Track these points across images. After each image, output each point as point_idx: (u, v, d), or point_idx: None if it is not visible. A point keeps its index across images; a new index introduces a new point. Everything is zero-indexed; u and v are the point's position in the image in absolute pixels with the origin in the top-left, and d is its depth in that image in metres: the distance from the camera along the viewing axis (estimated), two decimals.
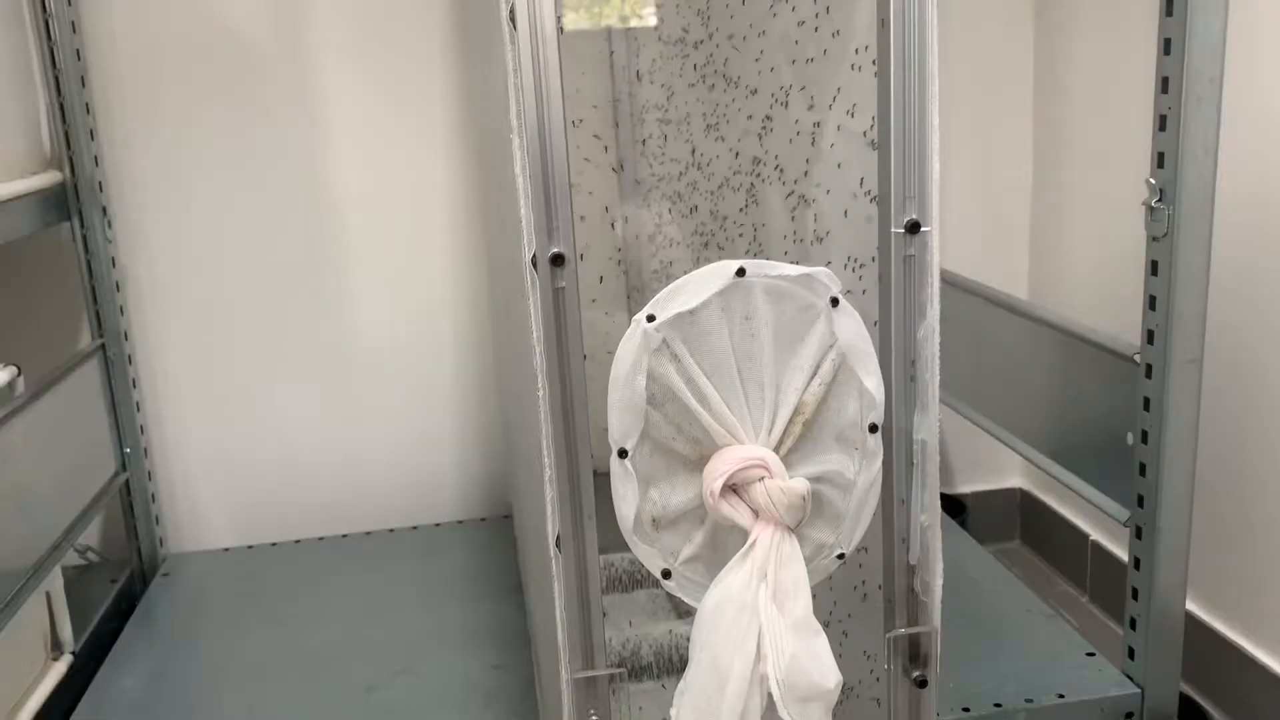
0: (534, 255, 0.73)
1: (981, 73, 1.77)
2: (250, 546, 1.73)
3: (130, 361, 1.62)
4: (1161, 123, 1.09)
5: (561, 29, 0.69)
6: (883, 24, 0.71)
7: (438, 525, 1.77)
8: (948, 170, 0.74)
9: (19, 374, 1.32)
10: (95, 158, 1.56)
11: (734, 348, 0.75)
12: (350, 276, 1.71)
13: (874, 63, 0.78)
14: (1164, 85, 1.08)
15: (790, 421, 0.75)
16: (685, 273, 0.75)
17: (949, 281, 1.44)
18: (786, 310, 0.75)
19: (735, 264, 0.74)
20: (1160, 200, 1.09)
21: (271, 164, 1.66)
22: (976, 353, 1.46)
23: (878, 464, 0.76)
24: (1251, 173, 1.34)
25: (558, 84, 0.69)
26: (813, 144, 0.94)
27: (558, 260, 0.73)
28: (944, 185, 0.74)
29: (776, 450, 0.75)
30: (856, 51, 0.82)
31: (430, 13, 1.65)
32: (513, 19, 0.68)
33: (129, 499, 1.64)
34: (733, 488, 0.74)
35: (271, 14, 1.62)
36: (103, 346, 1.58)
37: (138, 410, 1.63)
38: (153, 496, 1.67)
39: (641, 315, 0.74)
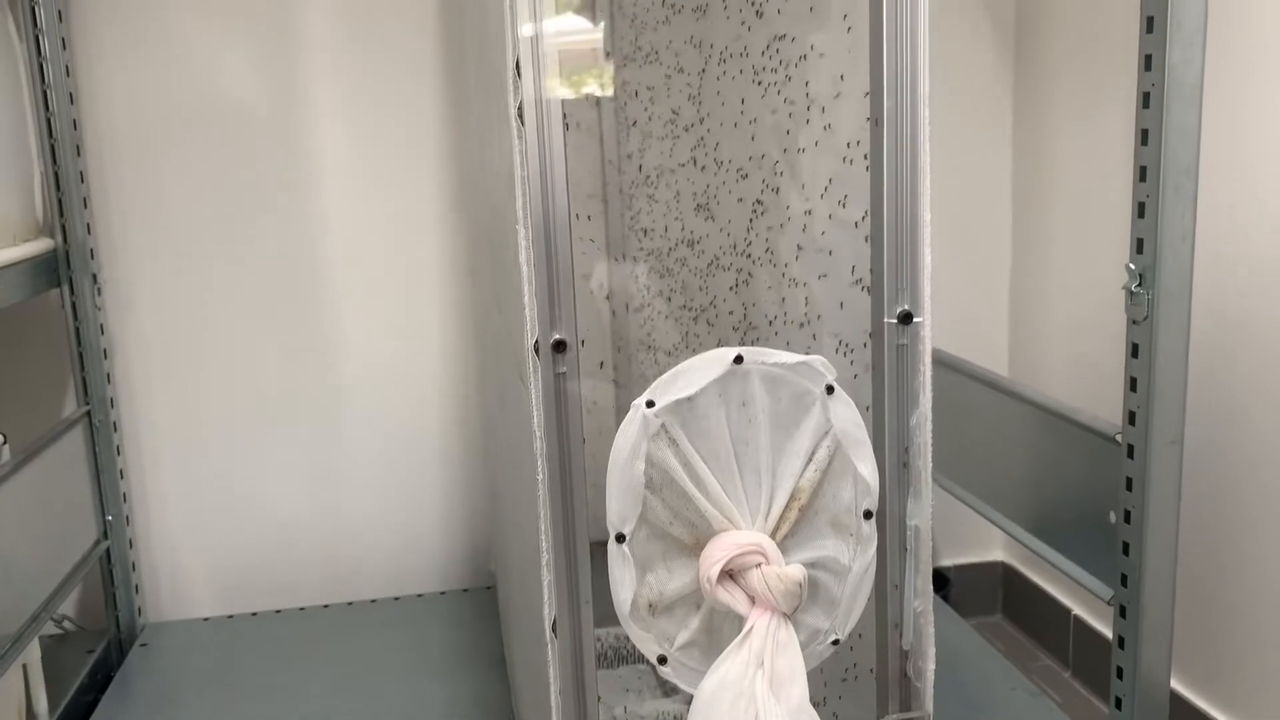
0: (536, 341, 0.74)
1: (961, 149, 1.82)
2: (230, 616, 1.71)
3: (115, 428, 1.61)
4: (1140, 210, 1.12)
5: (567, 126, 0.71)
6: (876, 123, 0.74)
7: (420, 596, 1.75)
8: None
9: (4, 441, 1.31)
10: (88, 225, 1.57)
11: (731, 433, 0.76)
12: (337, 346, 1.72)
13: (866, 157, 0.80)
14: (1142, 174, 1.12)
15: (786, 507, 0.76)
16: (673, 346, 0.76)
17: (933, 358, 1.46)
18: (783, 397, 0.76)
19: (733, 351, 0.75)
20: (1140, 285, 1.12)
21: (262, 231, 1.67)
22: (959, 428, 1.48)
23: (872, 550, 0.77)
24: (1229, 258, 1.37)
25: (563, 179, 0.71)
26: (804, 230, 0.96)
27: (559, 347, 0.74)
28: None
29: (773, 536, 0.76)
30: (848, 145, 0.85)
31: (422, 83, 1.68)
32: (520, 115, 0.70)
33: (109, 567, 1.62)
34: (729, 574, 0.75)
35: (264, 83, 1.65)
36: (88, 413, 1.57)
37: (121, 477, 1.62)
38: (133, 565, 1.65)
39: (641, 401, 0.75)
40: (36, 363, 1.65)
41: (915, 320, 0.76)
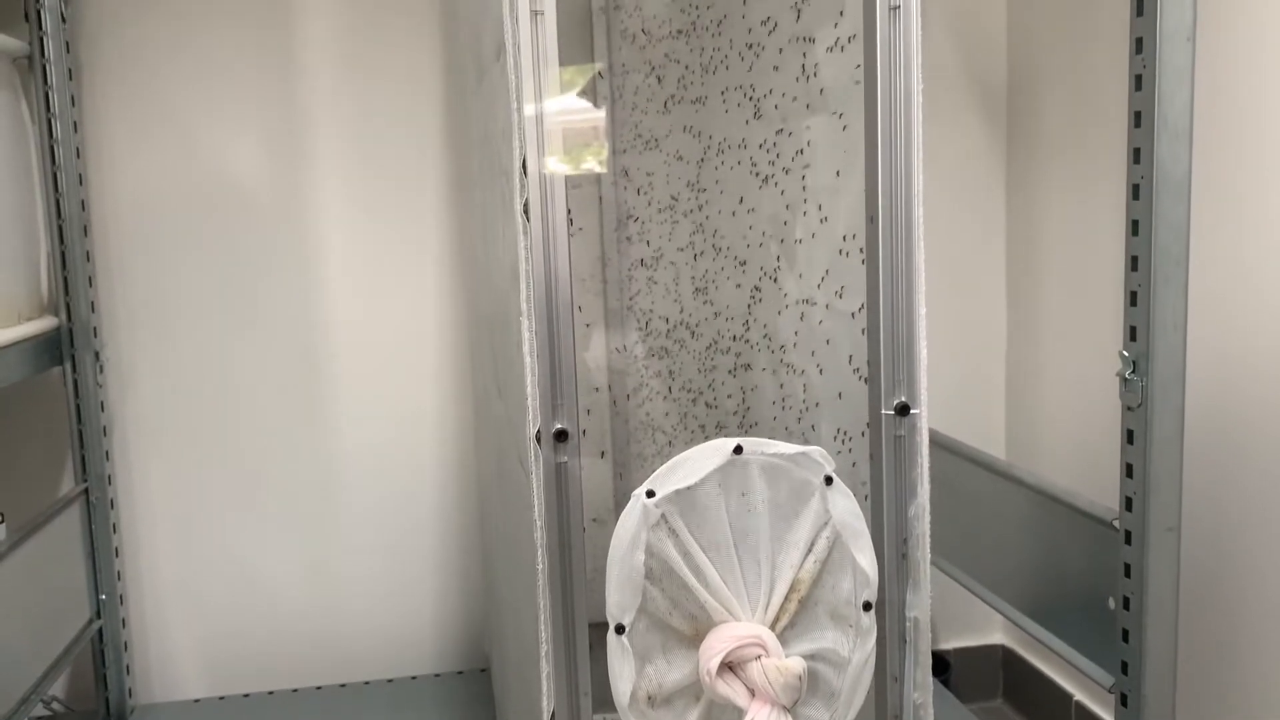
0: (538, 431, 0.75)
1: (955, 231, 1.85)
2: (222, 698, 1.69)
3: (112, 505, 1.61)
4: (1132, 299, 1.14)
5: (571, 221, 0.73)
6: (871, 220, 0.76)
7: (414, 678, 1.73)
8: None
9: (1, 521, 1.31)
10: (92, 303, 1.58)
11: (731, 524, 0.76)
12: (336, 428, 1.72)
13: (862, 250, 0.82)
14: (1133, 264, 1.14)
15: (786, 598, 0.76)
16: (671, 426, 0.77)
17: (930, 439, 1.47)
18: (782, 487, 0.77)
19: (733, 442, 0.76)
20: (1134, 372, 1.14)
21: (263, 312, 1.69)
22: (957, 511, 1.48)
23: (871, 641, 0.77)
24: (1224, 346, 1.39)
25: (566, 273, 0.72)
26: (801, 319, 0.98)
27: (561, 436, 0.75)
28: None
29: (772, 627, 0.76)
30: (844, 238, 0.87)
31: (427, 167, 1.71)
32: (526, 212, 0.72)
33: (100, 647, 1.60)
34: (729, 665, 0.75)
35: (269, 165, 1.68)
36: (86, 491, 1.57)
37: (116, 555, 1.61)
38: (125, 644, 1.63)
39: (641, 491, 0.75)
40: (35, 439, 1.65)
41: (912, 412, 0.77)
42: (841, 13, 0.83)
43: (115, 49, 1.63)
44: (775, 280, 1.04)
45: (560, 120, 0.73)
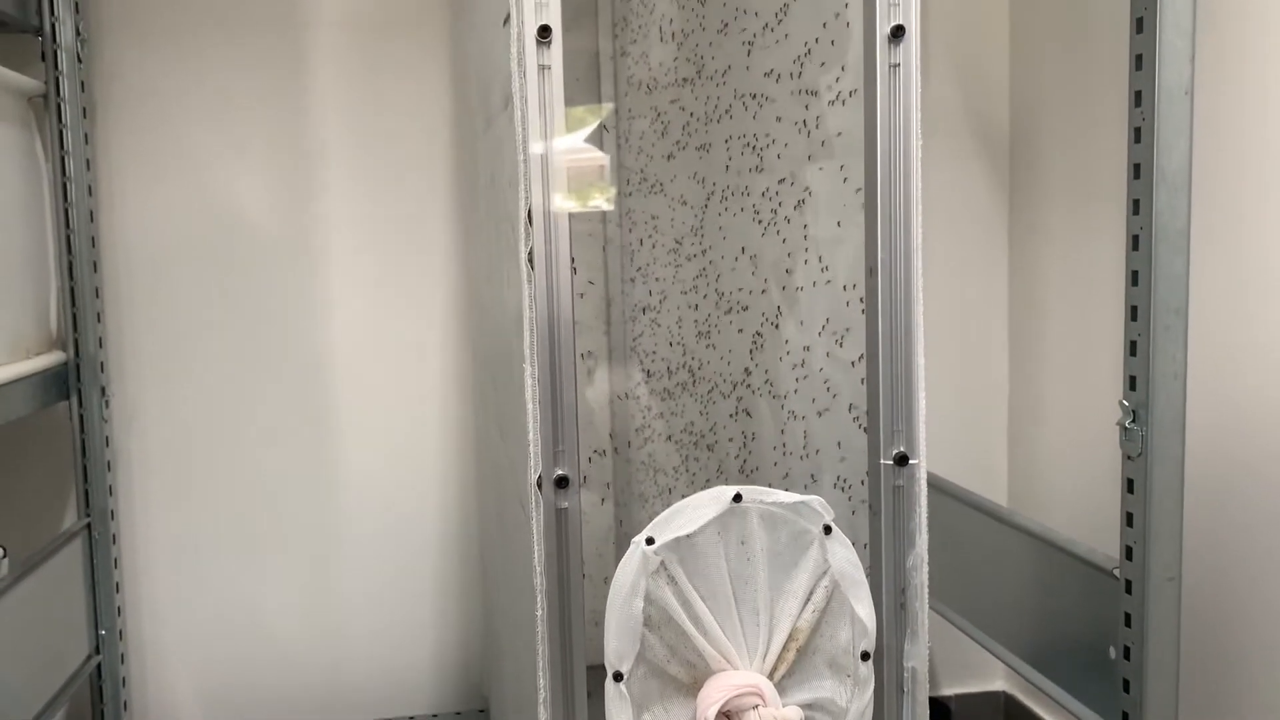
0: (539, 477, 0.76)
1: (959, 273, 1.86)
2: None
3: (114, 541, 1.61)
4: (1132, 348, 1.15)
5: (575, 270, 0.74)
6: (871, 273, 0.77)
7: (412, 718, 1.73)
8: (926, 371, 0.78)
9: (4, 555, 1.31)
10: (99, 339, 1.59)
11: (730, 572, 0.77)
12: (338, 465, 1.73)
13: (862, 300, 0.83)
14: (1133, 314, 1.15)
15: (784, 647, 0.77)
16: (673, 468, 0.78)
17: (932, 485, 1.48)
18: (781, 536, 0.77)
19: (732, 490, 0.77)
20: (1134, 421, 1.14)
21: (268, 349, 1.70)
22: (959, 556, 1.48)
23: (869, 691, 0.77)
24: (1225, 395, 1.39)
25: (570, 322, 0.73)
26: (802, 365, 0.99)
27: (562, 483, 0.75)
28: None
29: (770, 676, 0.76)
30: (845, 288, 0.88)
31: (433, 208, 1.73)
32: (531, 261, 0.73)
33: (99, 683, 1.60)
34: (726, 714, 0.75)
35: (277, 204, 1.69)
36: (89, 526, 1.57)
37: (117, 591, 1.61)
38: (123, 680, 1.63)
39: (641, 538, 0.76)
40: (39, 473, 1.66)
41: (911, 462, 0.78)
42: (843, 68, 0.84)
43: (129, 89, 1.66)
44: (777, 326, 1.05)
45: (566, 159, 0.74)
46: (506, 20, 0.74)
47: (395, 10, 1.70)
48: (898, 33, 0.73)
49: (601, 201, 1.69)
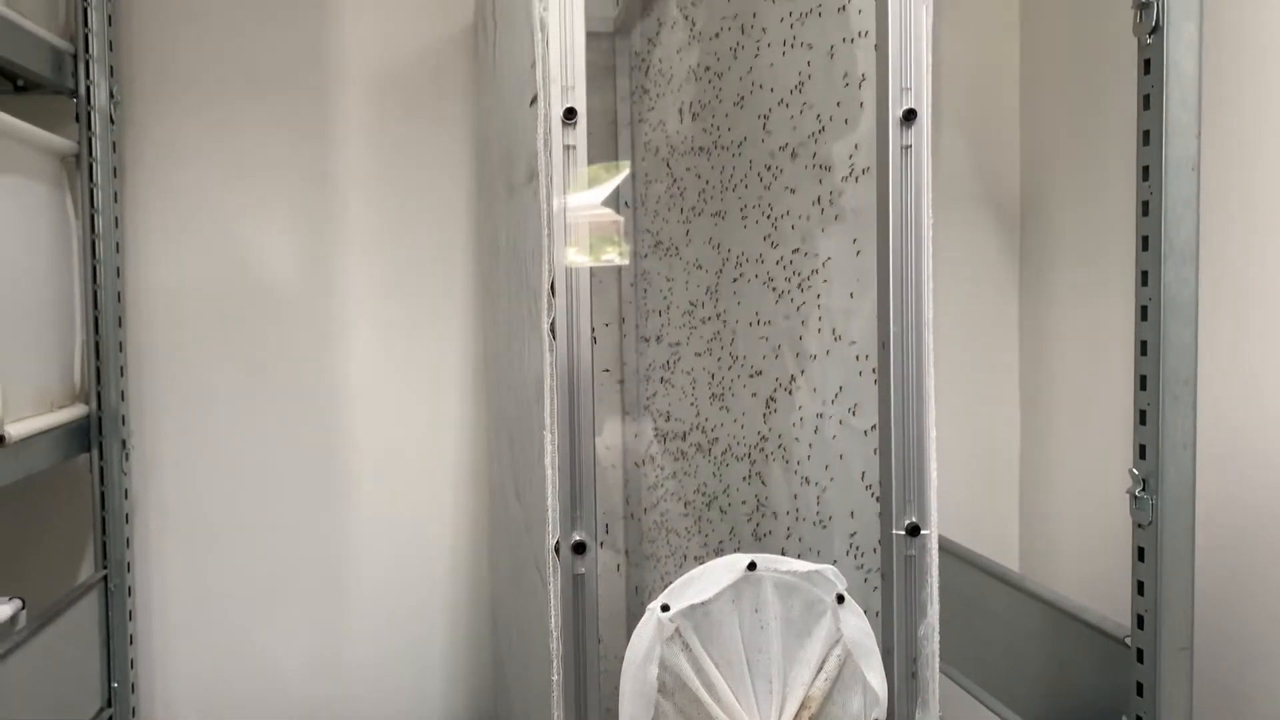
0: (557, 542, 0.77)
1: (970, 344, 1.87)
2: None
3: (130, 593, 1.62)
4: (1142, 417, 1.16)
5: (595, 341, 0.76)
6: (883, 346, 0.79)
7: None
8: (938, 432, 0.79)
9: (23, 607, 1.33)
10: (122, 392, 1.62)
11: (744, 639, 0.78)
12: (353, 520, 1.74)
13: (874, 370, 0.85)
14: (1142, 383, 1.16)
15: (796, 715, 0.77)
16: (685, 529, 0.79)
17: (943, 548, 1.48)
18: (795, 604, 0.78)
19: (747, 558, 0.78)
20: (1144, 490, 1.15)
21: (286, 406, 1.73)
22: (970, 620, 1.48)
23: None
24: (1235, 464, 1.40)
25: (589, 391, 0.75)
26: (815, 432, 1.00)
27: (579, 548, 0.77)
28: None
29: None
30: (858, 358, 0.89)
31: (453, 269, 1.76)
32: (553, 331, 0.75)
33: None
34: None
35: (300, 264, 1.73)
36: (105, 578, 1.59)
37: (130, 643, 1.62)
38: None
39: (656, 604, 0.77)
40: (58, 524, 1.67)
41: (923, 533, 0.79)
42: (857, 145, 0.87)
43: (158, 149, 1.70)
44: (790, 393, 1.07)
45: (585, 216, 0.76)
46: (533, 101, 0.77)
47: (420, 75, 1.75)
48: (909, 116, 0.76)
49: (615, 256, 1.71)
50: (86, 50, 1.58)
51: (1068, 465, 1.78)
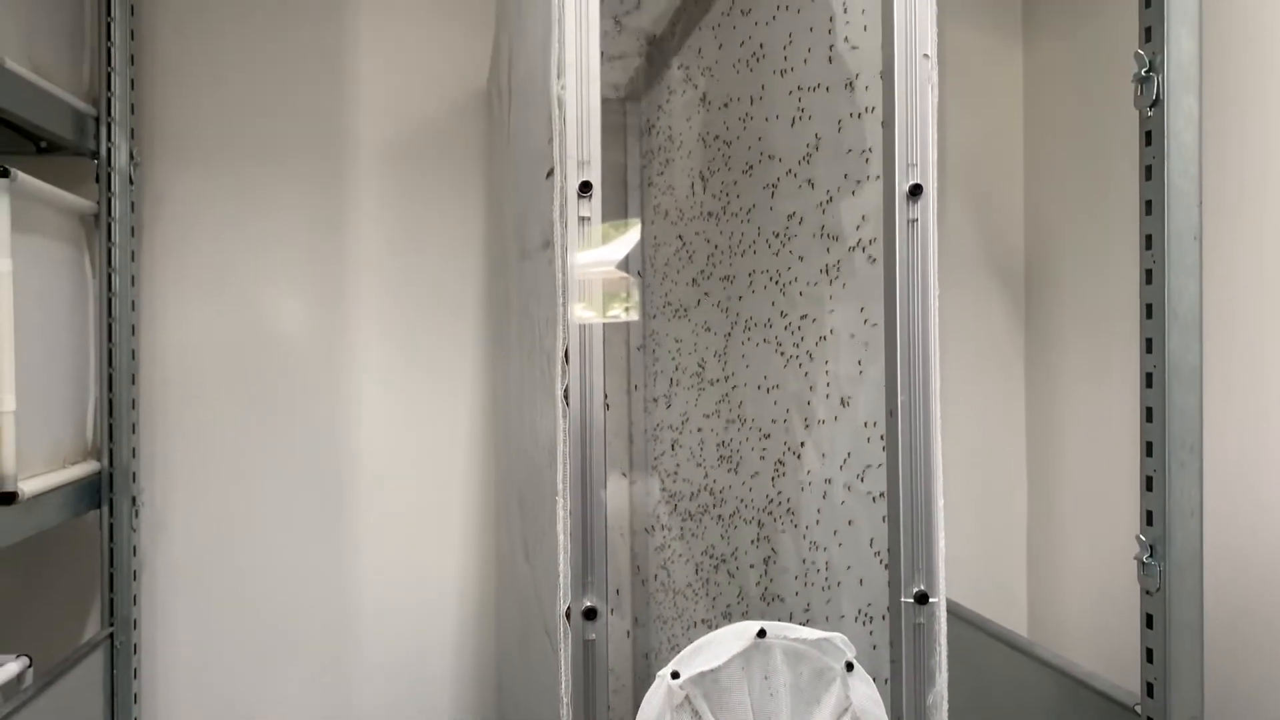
0: (568, 608, 0.78)
1: (977, 410, 1.88)
2: None
3: (135, 650, 1.62)
4: (1148, 483, 1.17)
5: (608, 406, 0.77)
6: (891, 415, 0.80)
7: None
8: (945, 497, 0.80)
9: (29, 665, 1.33)
10: (133, 449, 1.63)
11: (753, 706, 0.78)
12: (359, 581, 1.75)
13: (883, 437, 0.86)
14: (1148, 449, 1.17)
15: None
16: (693, 592, 0.79)
17: (952, 613, 1.48)
18: (804, 672, 0.78)
19: (756, 625, 0.78)
20: (1151, 556, 1.15)
21: (295, 464, 1.74)
22: (978, 686, 1.47)
23: None
24: (1246, 529, 1.40)
25: (602, 457, 0.76)
26: (824, 497, 1.01)
27: (590, 614, 0.77)
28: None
29: None
30: (866, 424, 0.91)
31: (463, 326, 1.78)
32: (566, 397, 0.77)
33: None
34: None
35: (312, 326, 1.75)
36: (111, 635, 1.59)
37: (135, 702, 1.61)
38: None
39: (666, 671, 0.77)
40: (65, 580, 1.68)
41: (931, 601, 0.79)
42: (864, 216, 0.89)
43: (176, 209, 1.73)
44: (799, 456, 1.08)
45: (597, 273, 0.78)
46: (550, 173, 0.79)
47: (433, 138, 1.79)
48: (916, 191, 0.78)
49: (625, 313, 1.73)
50: (109, 113, 1.62)
51: (1075, 530, 1.78)
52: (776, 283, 1.13)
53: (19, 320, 1.30)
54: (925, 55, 0.78)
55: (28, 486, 1.32)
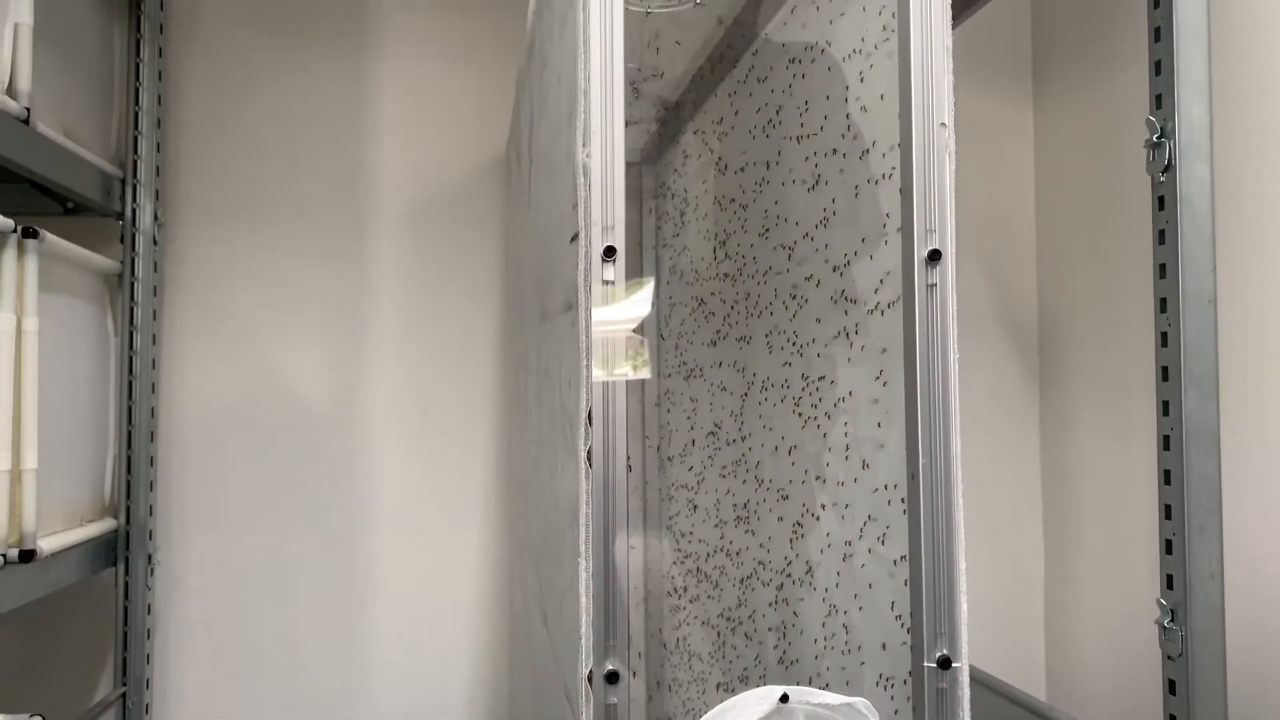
0: (590, 672, 0.77)
1: (992, 472, 1.88)
2: None
3: (148, 711, 1.61)
4: (1168, 546, 1.16)
5: (630, 469, 0.78)
6: (913, 478, 0.80)
7: None
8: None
9: None
10: (150, 506, 1.64)
11: None
12: (372, 646, 1.74)
13: (903, 500, 0.86)
14: (1167, 512, 1.17)
15: None
16: (708, 654, 0.79)
17: (971, 677, 1.46)
18: None
19: (779, 690, 0.78)
20: (1172, 621, 1.14)
21: (311, 524, 1.74)
22: None
23: None
24: (1267, 596, 1.39)
25: (624, 518, 0.77)
26: (844, 560, 1.01)
27: (612, 678, 0.77)
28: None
29: None
30: (886, 487, 0.91)
31: (479, 384, 1.79)
32: (589, 459, 0.77)
33: None
34: None
35: (329, 381, 1.76)
36: (124, 695, 1.58)
37: None
38: None
39: None
40: (79, 639, 1.67)
41: (954, 665, 0.79)
42: (882, 280, 0.90)
43: (198, 269, 1.76)
44: (818, 518, 1.08)
45: (619, 331, 0.79)
46: (574, 238, 0.80)
47: (452, 202, 1.81)
48: (934, 257, 0.79)
49: (643, 370, 1.74)
50: (135, 175, 1.65)
51: (1093, 594, 1.76)
52: (794, 344, 1.14)
53: (43, 378, 1.31)
54: (942, 124, 0.80)
55: (46, 544, 1.32)
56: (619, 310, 0.79)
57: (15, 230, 1.25)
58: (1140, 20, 1.20)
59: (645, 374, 1.72)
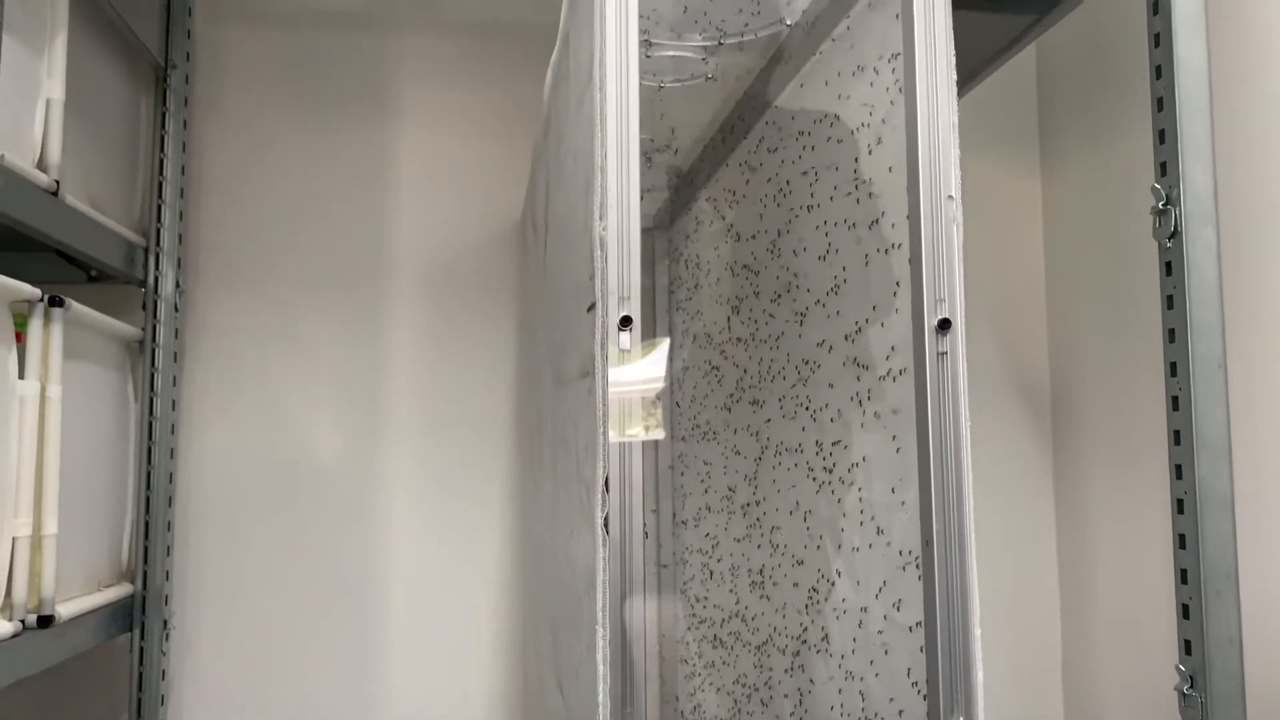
0: None
1: (1007, 536, 1.87)
2: None
3: None
4: (1184, 611, 1.16)
5: (646, 535, 0.78)
6: (927, 544, 0.81)
7: None
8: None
9: None
10: (167, 572, 1.64)
11: None
12: (385, 711, 1.73)
13: (918, 565, 0.86)
14: (1183, 577, 1.16)
15: None
16: None
17: None
18: None
19: None
20: (1192, 687, 1.14)
21: (326, 589, 1.74)
22: None
23: None
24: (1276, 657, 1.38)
25: (641, 586, 0.77)
26: (860, 626, 1.01)
27: None
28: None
29: None
30: (901, 553, 0.91)
31: (494, 449, 1.80)
32: (606, 526, 0.78)
33: None
34: None
35: (346, 447, 1.78)
36: None
37: None
38: None
39: None
40: (93, 704, 1.67)
41: None
42: (893, 347, 0.91)
43: (218, 336, 1.78)
44: (833, 584, 1.08)
45: (633, 395, 0.80)
46: (591, 308, 0.82)
47: (468, 269, 1.84)
48: (944, 325, 0.81)
49: (657, 431, 1.75)
50: (158, 243, 1.69)
51: (1111, 659, 1.75)
52: (807, 409, 1.15)
53: (65, 445, 1.33)
54: (950, 197, 0.81)
55: (64, 610, 1.33)
56: (634, 371, 0.81)
57: (42, 299, 1.28)
58: (1142, 90, 1.22)
59: (659, 435, 1.73)
